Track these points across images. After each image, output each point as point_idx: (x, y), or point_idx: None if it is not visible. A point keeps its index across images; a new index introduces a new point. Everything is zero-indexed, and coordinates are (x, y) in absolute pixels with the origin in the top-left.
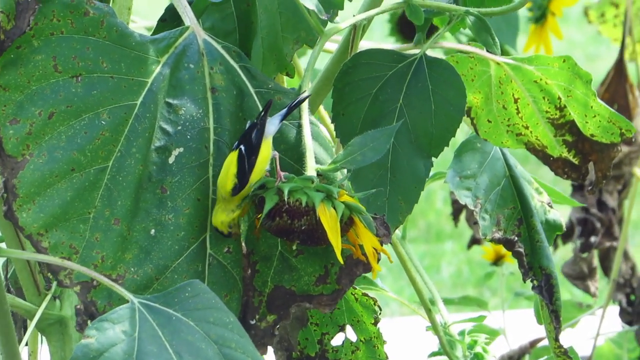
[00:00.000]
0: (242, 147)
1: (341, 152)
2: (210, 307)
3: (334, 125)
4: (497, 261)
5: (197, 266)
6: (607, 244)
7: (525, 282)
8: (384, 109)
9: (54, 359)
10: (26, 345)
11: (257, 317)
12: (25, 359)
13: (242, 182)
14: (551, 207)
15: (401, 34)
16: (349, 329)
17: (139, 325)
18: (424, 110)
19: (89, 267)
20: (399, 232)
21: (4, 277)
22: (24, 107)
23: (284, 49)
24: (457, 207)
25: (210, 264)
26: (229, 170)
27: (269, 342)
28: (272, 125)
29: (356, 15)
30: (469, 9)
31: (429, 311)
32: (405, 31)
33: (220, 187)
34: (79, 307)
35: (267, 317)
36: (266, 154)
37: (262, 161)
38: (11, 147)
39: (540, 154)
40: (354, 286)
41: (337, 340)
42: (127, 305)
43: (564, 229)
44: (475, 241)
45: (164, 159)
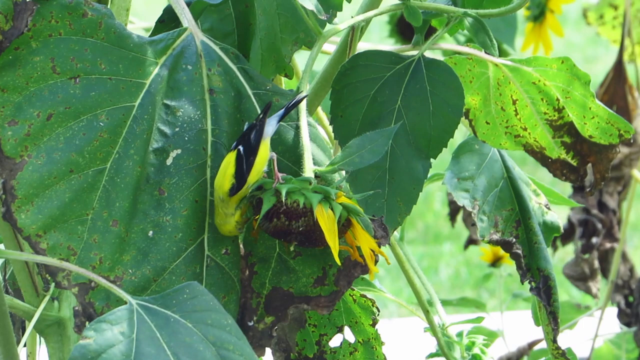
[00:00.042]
0: (241, 148)
1: (339, 153)
2: (208, 309)
3: (332, 126)
4: (495, 263)
5: (195, 268)
6: (607, 245)
7: (523, 284)
8: (382, 110)
9: None
10: (24, 346)
11: (255, 318)
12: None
13: (240, 183)
14: (549, 208)
15: (401, 35)
16: (347, 330)
17: (137, 326)
18: (422, 111)
19: (87, 269)
20: (397, 233)
21: (2, 278)
22: (22, 108)
23: (283, 50)
24: (454, 207)
25: (208, 265)
26: (227, 170)
27: (267, 344)
28: (270, 126)
29: (354, 16)
30: (467, 11)
31: (427, 312)
32: (405, 32)
33: (217, 188)
34: (77, 308)
35: (265, 318)
36: (264, 155)
37: (260, 162)
38: (10, 148)
39: (538, 155)
40: (352, 287)
41: (335, 341)
42: (125, 306)
43: (562, 230)
44: (472, 241)
45: (162, 160)
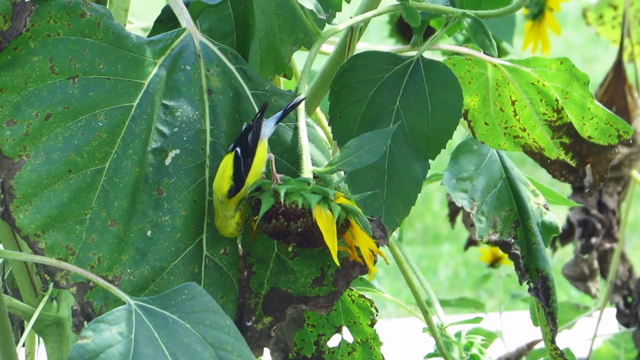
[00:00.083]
0: (238, 150)
1: (338, 154)
2: (207, 309)
3: (330, 127)
4: (494, 263)
5: (193, 268)
6: (607, 245)
7: (521, 284)
8: (381, 111)
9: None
10: (23, 346)
11: (254, 318)
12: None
13: (238, 185)
14: (547, 209)
15: (401, 35)
16: (345, 330)
17: (136, 327)
18: (421, 112)
19: (85, 268)
20: (396, 234)
21: (1, 278)
22: (20, 108)
23: (282, 50)
24: (454, 208)
25: (206, 265)
26: (225, 172)
27: (265, 344)
28: (267, 127)
29: (353, 17)
30: (465, 11)
31: (425, 313)
32: (405, 32)
33: (216, 190)
34: (75, 308)
35: (263, 319)
36: (262, 156)
37: (258, 163)
38: (8, 148)
39: (537, 156)
40: (351, 288)
41: (333, 341)
42: (124, 306)
43: (560, 230)
44: (472, 242)
45: (161, 160)
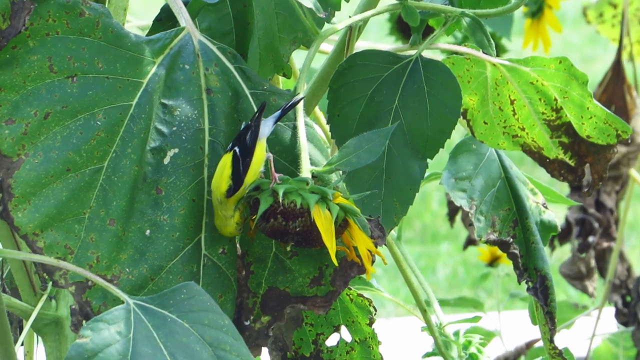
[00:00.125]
0: (237, 149)
1: (336, 153)
2: (205, 309)
3: (329, 126)
4: (493, 262)
5: (191, 267)
6: (604, 244)
7: (520, 284)
8: (379, 110)
9: (50, 359)
10: (22, 345)
11: (252, 318)
12: (21, 359)
13: (236, 184)
14: (546, 207)
15: (401, 32)
16: (343, 329)
17: (134, 326)
18: (420, 112)
19: (84, 268)
20: (394, 233)
21: None
22: (19, 107)
23: (281, 49)
24: (453, 207)
25: (205, 264)
26: (223, 172)
27: (263, 343)
28: (266, 126)
29: (352, 16)
30: (464, 11)
31: (424, 312)
32: (405, 30)
33: (214, 189)
34: (74, 307)
35: (262, 318)
36: (261, 155)
37: (257, 163)
38: (7, 147)
39: (536, 155)
40: (349, 287)
41: (332, 340)
42: (123, 306)
43: (559, 229)
44: (471, 242)
45: (159, 159)
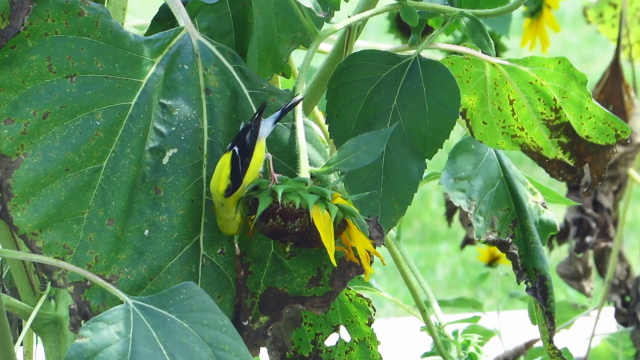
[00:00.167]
0: (236, 149)
1: (335, 154)
2: (204, 309)
3: (328, 126)
4: (492, 262)
5: (190, 267)
6: (602, 244)
7: (519, 284)
8: (378, 110)
9: (49, 359)
10: (21, 345)
11: (250, 318)
12: (20, 359)
13: (235, 184)
14: (545, 207)
15: (400, 31)
16: (342, 329)
17: (133, 326)
18: (418, 112)
19: (82, 267)
20: (393, 232)
21: None
22: (18, 107)
23: (280, 49)
24: (451, 207)
25: (203, 265)
26: (222, 172)
27: (262, 343)
28: (265, 127)
29: (351, 16)
30: (463, 11)
31: (423, 312)
32: (404, 28)
33: (213, 190)
34: (72, 307)
35: (260, 318)
36: (260, 155)
37: (256, 163)
38: (6, 146)
39: (535, 155)
40: (348, 287)
41: (331, 340)
42: (122, 306)
43: (558, 229)
44: (468, 241)
45: (158, 159)
